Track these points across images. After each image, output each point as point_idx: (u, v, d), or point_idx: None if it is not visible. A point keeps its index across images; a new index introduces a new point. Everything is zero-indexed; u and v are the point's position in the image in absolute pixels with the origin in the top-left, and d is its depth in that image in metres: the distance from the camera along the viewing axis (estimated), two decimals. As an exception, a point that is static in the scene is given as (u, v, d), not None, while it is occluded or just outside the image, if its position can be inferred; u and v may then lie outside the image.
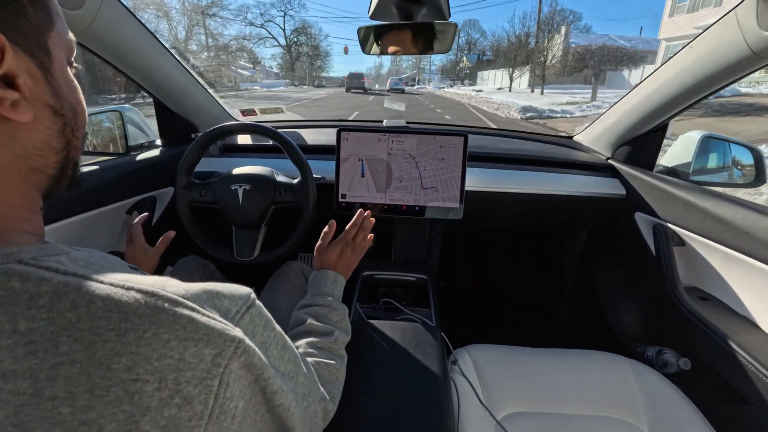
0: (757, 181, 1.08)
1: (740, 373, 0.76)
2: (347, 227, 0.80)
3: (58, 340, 0.25)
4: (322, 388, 0.51)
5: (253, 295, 0.36)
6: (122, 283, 0.29)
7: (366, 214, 0.84)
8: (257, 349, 0.33)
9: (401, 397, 0.68)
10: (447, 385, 0.72)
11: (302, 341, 0.59)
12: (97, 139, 1.22)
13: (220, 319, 0.31)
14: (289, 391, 0.37)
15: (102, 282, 0.28)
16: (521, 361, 0.86)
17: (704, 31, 0.83)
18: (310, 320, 0.62)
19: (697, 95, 0.93)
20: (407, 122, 1.36)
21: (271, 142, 1.30)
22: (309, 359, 0.55)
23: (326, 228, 0.78)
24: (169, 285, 0.30)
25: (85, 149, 1.18)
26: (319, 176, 1.08)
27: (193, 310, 0.29)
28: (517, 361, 0.86)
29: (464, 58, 52.84)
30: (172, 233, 0.83)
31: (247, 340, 0.31)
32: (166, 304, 0.28)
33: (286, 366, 0.40)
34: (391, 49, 0.89)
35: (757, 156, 1.07)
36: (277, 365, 0.37)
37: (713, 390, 0.83)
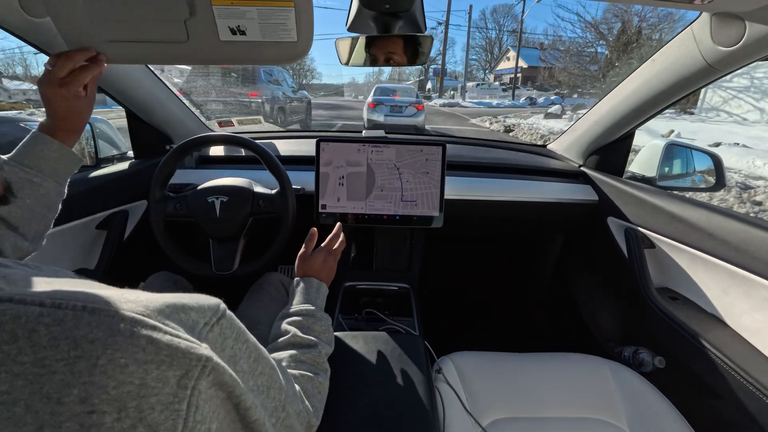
0: (717, 186, 1.14)
1: (711, 369, 0.79)
2: (329, 237, 0.80)
3: None
4: (307, 402, 0.49)
5: (223, 306, 0.35)
6: (70, 303, 0.26)
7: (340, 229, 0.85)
8: (227, 366, 0.31)
9: (386, 407, 0.67)
10: (432, 394, 0.72)
11: (285, 354, 0.57)
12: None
13: (185, 336, 0.28)
14: (260, 405, 0.36)
15: (44, 305, 0.25)
16: (504, 366, 0.87)
17: (664, 45, 0.89)
18: (293, 331, 0.61)
19: (660, 105, 0.98)
20: (386, 132, 1.37)
21: (245, 153, 1.29)
22: (292, 371, 0.54)
23: (308, 235, 0.78)
24: (125, 301, 0.28)
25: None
26: (299, 187, 1.07)
27: (153, 328, 0.27)
28: (500, 367, 0.86)
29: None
30: None
31: (215, 357, 0.29)
32: (121, 325, 0.26)
33: (258, 380, 0.38)
34: (369, 61, 0.90)
35: (717, 162, 1.13)
36: (246, 380, 0.36)
37: (687, 386, 0.86)
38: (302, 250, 0.76)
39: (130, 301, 0.28)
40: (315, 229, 0.79)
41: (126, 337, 0.25)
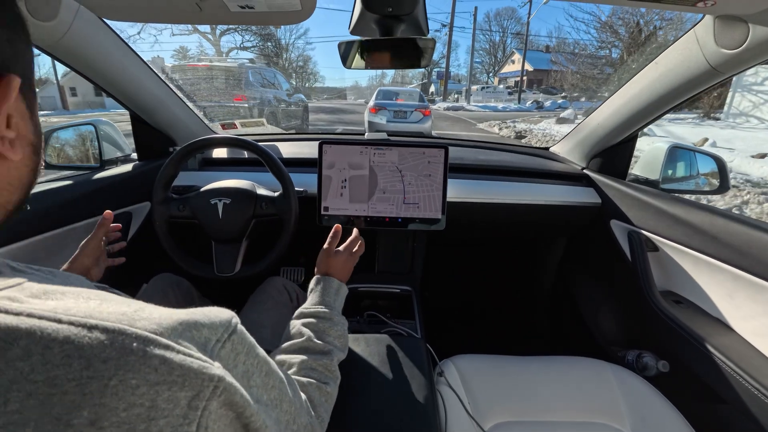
0: (721, 188, 1.13)
1: (715, 373, 0.79)
2: (351, 238, 0.79)
3: (8, 396, 0.22)
4: (312, 411, 0.49)
5: (235, 320, 0.34)
6: (84, 321, 0.25)
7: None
8: (239, 386, 0.30)
9: (388, 411, 0.67)
10: (434, 397, 0.72)
11: (297, 359, 0.57)
12: (70, 153, 1.18)
13: (198, 354, 0.28)
14: (273, 424, 0.35)
15: (60, 321, 0.24)
16: (506, 370, 0.86)
17: (668, 47, 0.89)
18: (308, 335, 0.60)
19: (663, 107, 0.98)
20: (388, 134, 1.38)
21: (248, 155, 1.29)
22: (302, 379, 0.53)
23: (333, 232, 0.77)
24: (139, 319, 0.27)
25: (58, 163, 1.15)
26: (301, 189, 1.07)
27: (166, 348, 0.26)
28: (503, 371, 0.86)
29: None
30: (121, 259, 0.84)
31: (228, 377, 0.29)
32: (135, 344, 0.25)
33: (270, 394, 0.37)
34: (372, 64, 0.91)
35: (721, 165, 1.13)
36: (260, 395, 0.35)
37: (691, 391, 0.86)
38: (326, 246, 0.75)
39: (144, 318, 0.27)
40: (339, 226, 0.78)
41: (138, 357, 0.25)
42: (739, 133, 8.33)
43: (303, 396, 0.49)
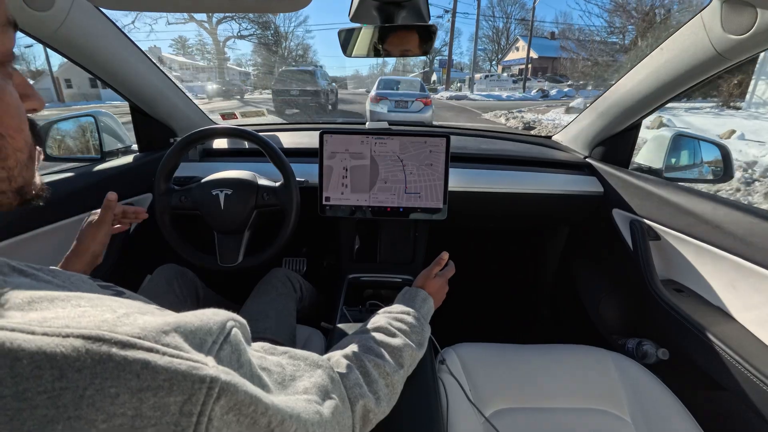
0: (725, 176, 1.12)
1: (715, 362, 0.79)
2: (447, 265, 0.86)
3: None
4: (366, 387, 0.49)
5: (231, 323, 0.32)
6: (59, 330, 0.23)
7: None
8: (239, 383, 0.28)
9: None
10: (436, 385, 0.73)
11: (361, 336, 0.59)
12: (71, 145, 1.18)
13: (188, 356, 0.26)
14: (291, 406, 0.34)
15: (33, 332, 0.22)
16: (507, 357, 0.87)
17: (674, 33, 0.87)
18: (384, 321, 0.64)
19: (668, 95, 0.97)
20: (390, 124, 1.37)
21: (249, 146, 1.29)
22: (357, 353, 0.54)
23: (438, 259, 0.84)
24: (122, 324, 0.25)
25: (57, 155, 1.14)
26: (302, 179, 1.07)
27: (149, 350, 0.24)
28: (504, 358, 0.87)
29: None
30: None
31: (225, 376, 0.26)
32: (113, 349, 0.23)
33: (286, 389, 0.36)
34: (372, 52, 0.89)
35: (725, 152, 1.12)
36: (271, 390, 0.34)
37: (691, 378, 0.86)
38: (429, 269, 0.82)
39: (127, 324, 0.25)
40: (447, 253, 0.85)
41: (117, 363, 0.23)
42: (765, 124, 7.51)
43: (356, 370, 0.50)
